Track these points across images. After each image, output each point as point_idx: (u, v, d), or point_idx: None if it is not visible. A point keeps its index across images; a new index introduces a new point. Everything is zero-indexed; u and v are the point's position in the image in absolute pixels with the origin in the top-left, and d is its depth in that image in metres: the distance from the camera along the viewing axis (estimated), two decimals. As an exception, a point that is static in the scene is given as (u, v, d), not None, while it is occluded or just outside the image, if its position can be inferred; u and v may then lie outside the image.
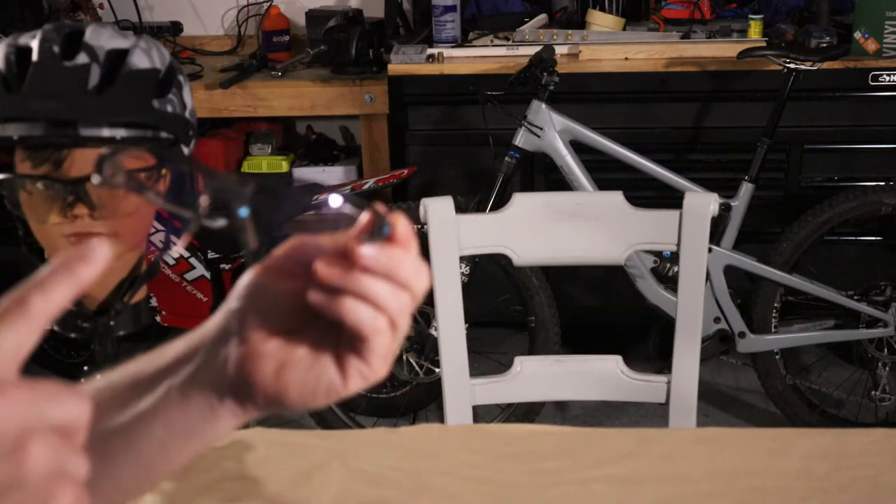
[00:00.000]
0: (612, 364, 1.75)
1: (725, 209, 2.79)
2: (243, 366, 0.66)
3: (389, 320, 0.63)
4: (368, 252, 0.61)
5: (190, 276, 2.88)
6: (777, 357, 2.87)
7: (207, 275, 2.85)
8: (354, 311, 0.62)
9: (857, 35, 2.87)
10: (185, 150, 1.34)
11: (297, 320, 0.66)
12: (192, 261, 2.84)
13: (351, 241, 0.62)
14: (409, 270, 0.63)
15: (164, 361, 0.69)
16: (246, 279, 0.67)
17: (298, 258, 0.64)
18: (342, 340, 0.65)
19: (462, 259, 1.80)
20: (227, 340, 0.66)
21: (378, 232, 0.61)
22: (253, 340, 0.65)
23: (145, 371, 0.69)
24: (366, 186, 2.90)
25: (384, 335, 0.63)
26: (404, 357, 2.81)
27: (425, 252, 1.70)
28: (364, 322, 0.62)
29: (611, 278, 2.89)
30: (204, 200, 0.64)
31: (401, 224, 0.62)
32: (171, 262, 2.82)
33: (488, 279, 2.77)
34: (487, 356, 2.82)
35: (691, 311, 1.68)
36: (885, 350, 2.84)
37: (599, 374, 1.76)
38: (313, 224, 0.65)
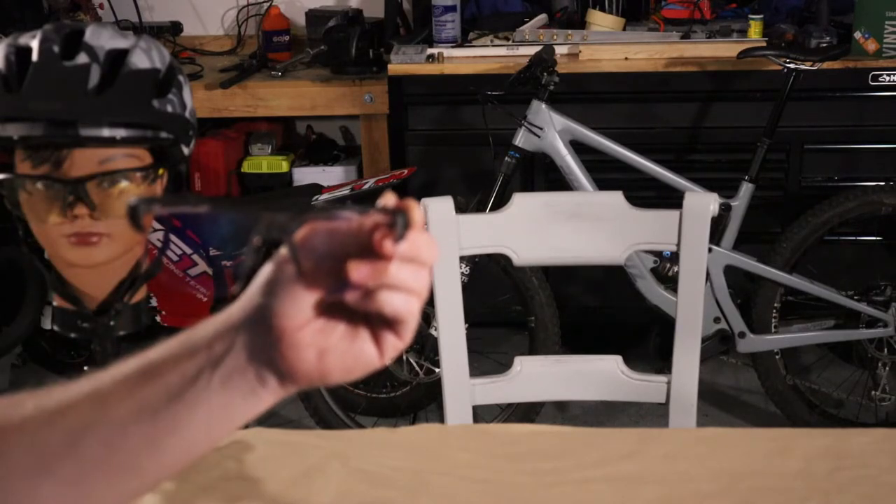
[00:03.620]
0: (612, 364, 1.75)
1: (725, 209, 2.79)
2: (284, 356, 0.69)
3: (418, 297, 0.69)
4: (398, 248, 0.66)
5: (193, 272, 2.89)
6: (777, 357, 2.87)
7: (209, 271, 2.86)
8: (391, 303, 0.67)
9: (857, 35, 2.87)
10: (185, 150, 1.34)
11: (324, 306, 0.69)
12: (195, 257, 2.85)
13: (377, 239, 0.65)
14: (427, 250, 0.67)
15: (187, 348, 0.70)
16: (266, 273, 0.69)
17: (312, 248, 0.68)
18: (373, 318, 0.69)
19: (462, 259, 1.80)
20: (259, 332, 0.69)
21: (402, 228, 0.65)
22: (287, 332, 0.68)
23: (170, 353, 0.71)
24: (366, 186, 2.90)
25: (416, 312, 0.69)
26: (404, 357, 2.81)
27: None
28: (401, 309, 0.67)
29: (611, 278, 2.89)
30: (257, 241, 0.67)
31: (416, 212, 0.66)
32: (175, 258, 2.83)
33: (488, 279, 2.77)
34: (487, 356, 2.82)
35: (691, 311, 1.68)
36: (885, 350, 2.84)
37: (599, 374, 1.76)
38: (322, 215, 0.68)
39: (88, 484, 0.70)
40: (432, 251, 0.68)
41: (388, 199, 0.67)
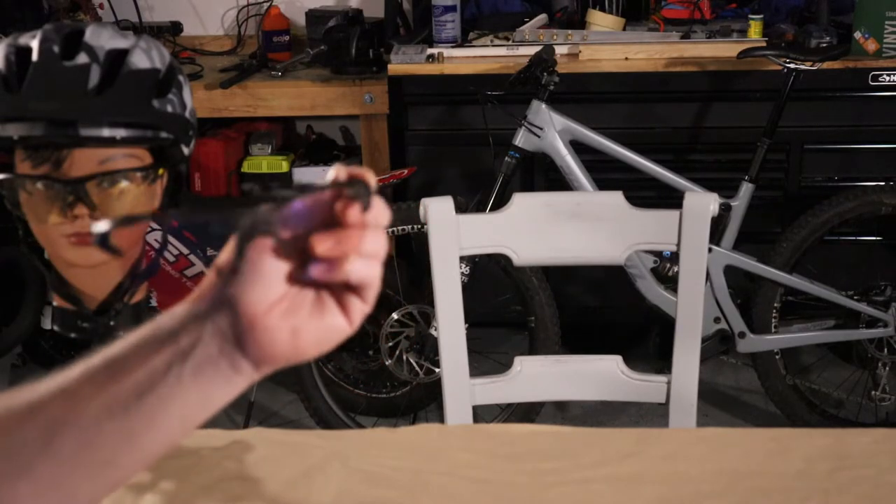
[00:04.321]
0: (612, 364, 1.75)
1: (725, 209, 2.79)
2: (258, 341, 0.69)
3: (379, 260, 0.69)
4: (367, 216, 0.67)
5: (190, 272, 2.89)
6: (777, 357, 2.87)
7: (206, 271, 2.86)
8: (357, 271, 0.68)
9: (857, 35, 2.87)
10: (185, 150, 1.34)
11: (285, 284, 0.69)
12: (192, 258, 2.85)
13: (340, 210, 0.66)
14: (383, 213, 0.68)
15: (152, 342, 0.70)
16: (224, 261, 0.70)
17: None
18: (337, 288, 0.70)
19: (462, 259, 1.80)
20: (226, 321, 0.69)
21: (367, 197, 0.66)
22: (257, 318, 0.68)
23: (135, 348, 0.70)
24: (366, 186, 2.89)
25: (379, 275, 0.70)
26: (404, 357, 2.81)
27: (425, 252, 1.70)
28: (366, 274, 0.68)
29: (611, 278, 2.89)
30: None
31: (372, 179, 0.67)
32: (171, 259, 2.83)
33: (488, 279, 2.77)
34: (487, 356, 2.82)
35: (691, 311, 1.68)
36: (885, 350, 2.84)
37: (599, 374, 1.76)
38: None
39: (67, 481, 0.69)
40: (387, 214, 0.69)
41: (341, 172, 0.68)
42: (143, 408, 0.69)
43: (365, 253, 0.68)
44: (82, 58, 1.23)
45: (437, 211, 1.67)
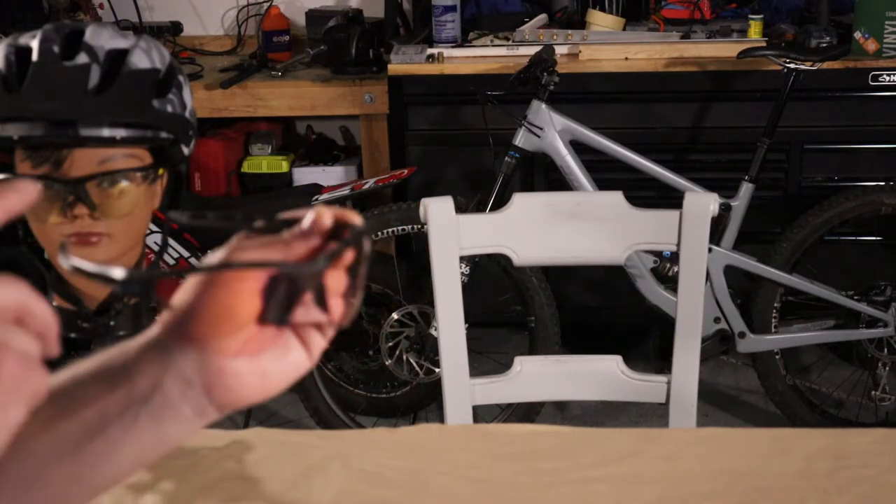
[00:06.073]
0: (612, 364, 1.75)
1: (725, 209, 2.79)
2: (229, 386, 0.67)
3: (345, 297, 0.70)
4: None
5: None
6: (777, 357, 2.87)
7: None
8: (337, 310, 0.68)
9: (857, 35, 2.87)
10: (185, 150, 1.34)
11: (254, 324, 0.67)
12: (192, 261, 2.84)
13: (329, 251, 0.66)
14: (349, 255, 0.69)
15: (104, 381, 0.68)
16: (183, 305, 0.67)
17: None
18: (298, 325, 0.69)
19: (462, 259, 1.80)
20: (191, 366, 0.67)
21: (359, 240, 0.67)
22: (224, 364, 0.67)
23: (85, 386, 0.68)
24: (366, 186, 2.90)
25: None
26: (404, 357, 2.81)
27: (426, 252, 1.70)
28: (340, 311, 0.69)
29: (611, 278, 2.89)
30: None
31: (358, 219, 0.68)
32: (171, 261, 2.82)
33: (488, 279, 2.77)
34: (487, 356, 2.82)
35: (691, 311, 1.68)
36: (885, 350, 2.84)
37: (599, 374, 1.76)
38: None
39: None
40: (350, 256, 0.69)
41: (326, 215, 0.67)
42: (94, 448, 0.66)
43: (339, 291, 0.68)
44: (82, 58, 1.23)
45: (437, 211, 1.67)
